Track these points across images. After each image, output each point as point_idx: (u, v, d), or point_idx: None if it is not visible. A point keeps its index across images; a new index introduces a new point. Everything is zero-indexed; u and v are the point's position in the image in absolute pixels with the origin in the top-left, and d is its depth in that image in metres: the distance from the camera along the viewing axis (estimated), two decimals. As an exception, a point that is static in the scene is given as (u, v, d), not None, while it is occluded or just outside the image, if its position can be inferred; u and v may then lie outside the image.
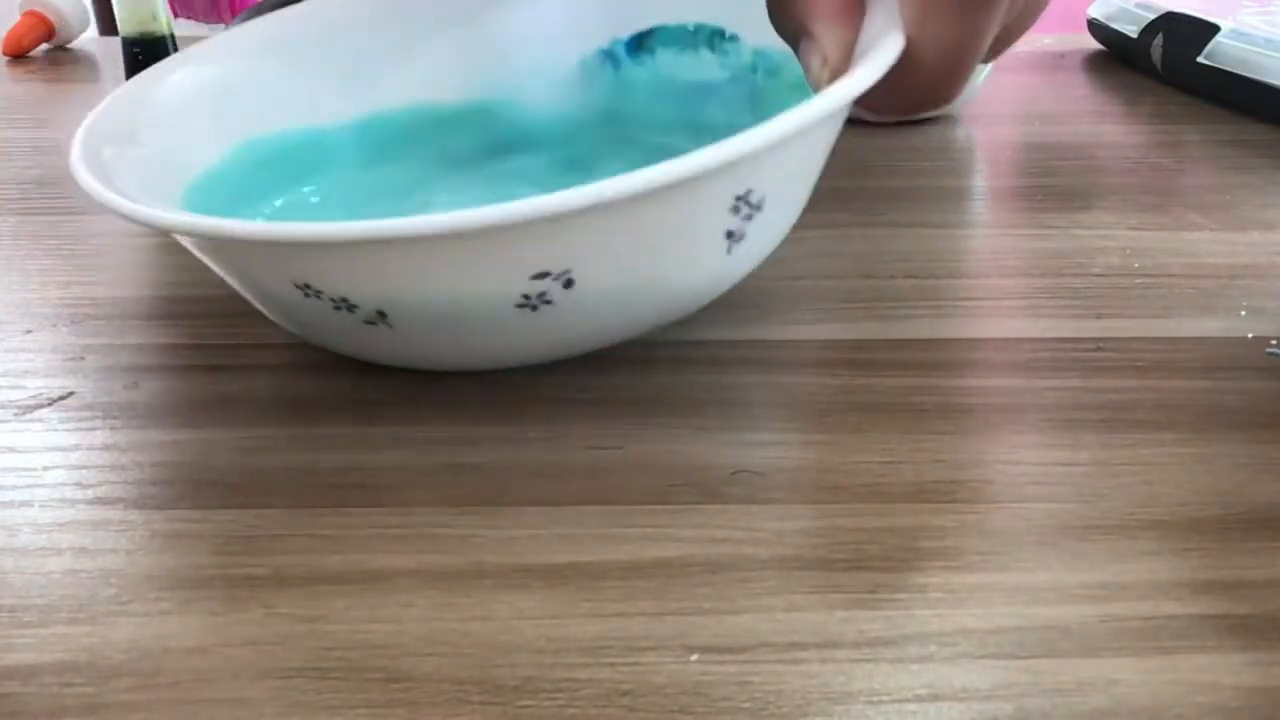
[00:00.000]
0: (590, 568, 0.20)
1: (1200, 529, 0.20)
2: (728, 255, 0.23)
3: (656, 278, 0.23)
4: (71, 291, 0.30)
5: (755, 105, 0.33)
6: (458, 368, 0.25)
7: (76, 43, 0.63)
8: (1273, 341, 0.27)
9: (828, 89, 0.21)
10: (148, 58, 0.49)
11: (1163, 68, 0.50)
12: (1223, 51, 0.46)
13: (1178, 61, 0.48)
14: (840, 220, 0.34)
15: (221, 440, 0.24)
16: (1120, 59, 0.54)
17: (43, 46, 0.62)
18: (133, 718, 0.17)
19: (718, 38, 0.33)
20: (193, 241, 0.23)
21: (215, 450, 0.23)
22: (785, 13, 0.24)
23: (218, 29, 0.80)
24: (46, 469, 0.23)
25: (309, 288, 0.22)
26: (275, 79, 0.33)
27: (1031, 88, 0.52)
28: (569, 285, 0.21)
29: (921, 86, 0.22)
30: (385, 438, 0.23)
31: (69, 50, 0.62)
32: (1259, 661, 0.18)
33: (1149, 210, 0.35)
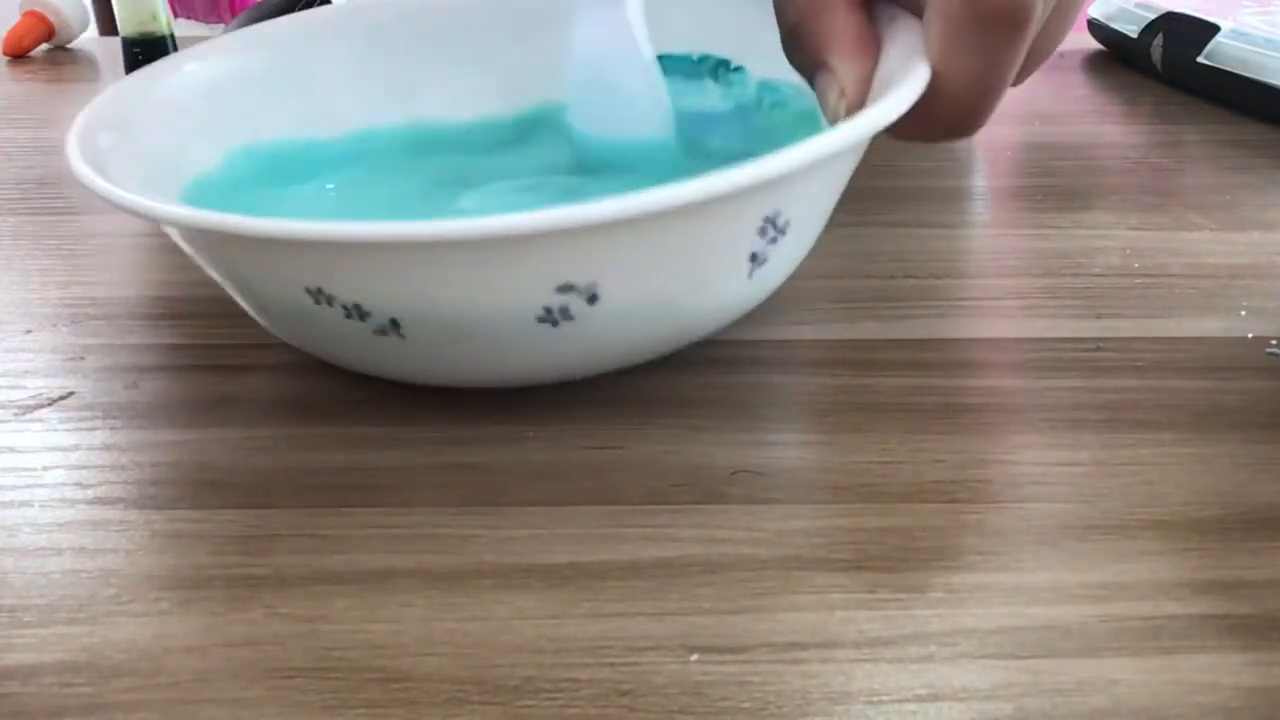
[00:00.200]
0: (590, 568, 0.20)
1: (1200, 529, 0.20)
2: (748, 279, 0.23)
3: (678, 298, 0.22)
4: (71, 291, 0.30)
5: (759, 137, 0.32)
6: (462, 383, 0.24)
7: (76, 43, 0.63)
8: (1273, 341, 0.27)
9: (859, 116, 0.21)
10: (148, 58, 0.49)
11: (1163, 68, 0.50)
12: (1223, 51, 0.46)
13: (1178, 61, 0.48)
14: (840, 220, 0.34)
15: (221, 440, 0.24)
16: (1120, 59, 0.54)
17: (43, 46, 0.62)
18: (133, 718, 0.17)
19: (723, 68, 0.33)
20: (194, 240, 0.23)
21: (215, 450, 0.23)
22: (801, 46, 0.24)
23: (218, 29, 0.80)
24: (46, 469, 0.23)
25: (320, 293, 0.21)
26: (277, 86, 0.32)
27: (1031, 88, 0.52)
28: (592, 301, 0.21)
29: (948, 118, 0.22)
30: (385, 438, 0.23)
31: (69, 50, 0.62)
32: (1259, 661, 0.18)
33: (1149, 210, 0.35)
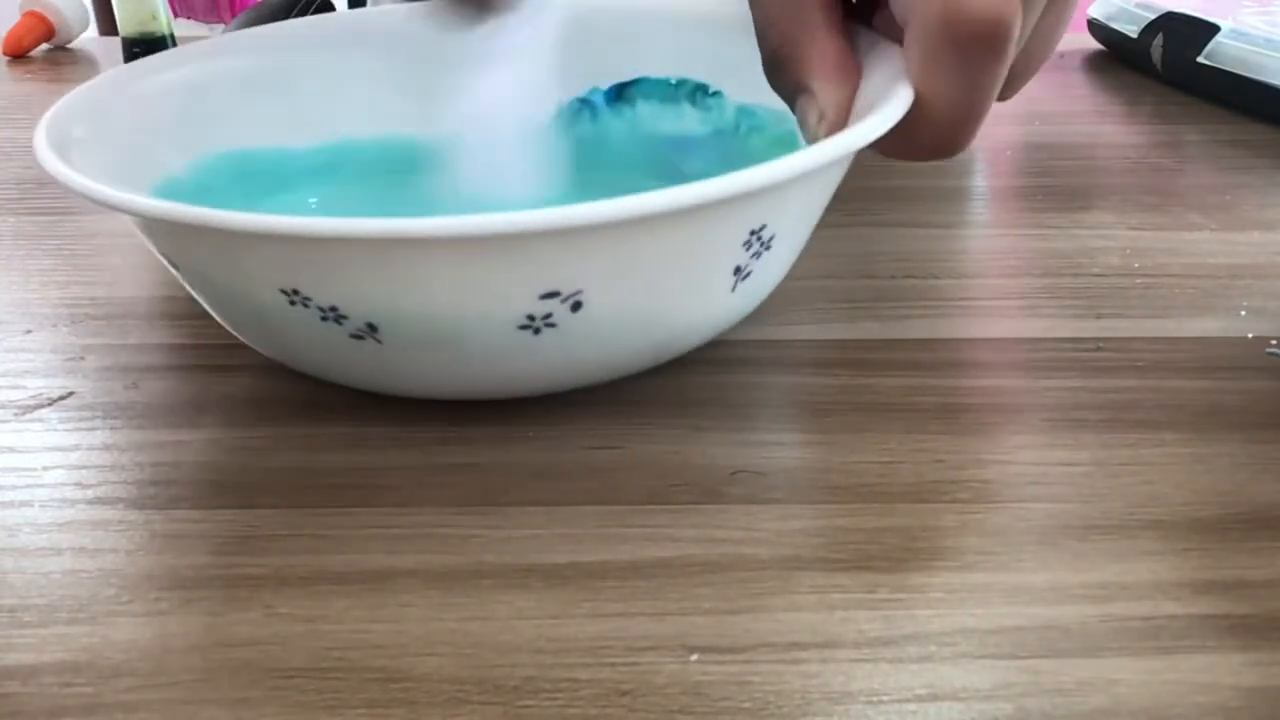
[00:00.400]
0: (590, 568, 0.20)
1: (1200, 529, 0.20)
2: (732, 293, 0.23)
3: (662, 311, 0.22)
4: (71, 291, 0.30)
5: (736, 161, 0.32)
6: (438, 394, 0.24)
7: (76, 43, 0.63)
8: (1273, 341, 0.27)
9: (845, 133, 0.21)
10: (148, 58, 0.49)
11: (1163, 68, 0.50)
12: (1223, 51, 0.46)
13: (1178, 61, 0.48)
14: (839, 220, 0.34)
15: (221, 440, 0.24)
16: (1120, 59, 0.54)
17: (43, 46, 0.62)
18: (133, 718, 0.17)
19: (700, 93, 0.33)
20: (162, 235, 0.22)
21: (215, 450, 0.23)
22: (783, 70, 0.24)
23: (218, 29, 0.80)
24: (46, 469, 0.23)
25: (297, 294, 0.21)
26: (257, 91, 0.32)
27: (1031, 88, 0.52)
28: (576, 309, 0.21)
29: (931, 138, 0.22)
30: (385, 438, 0.23)
31: (69, 50, 0.62)
32: (1259, 661, 0.18)
33: (1149, 210, 0.35)
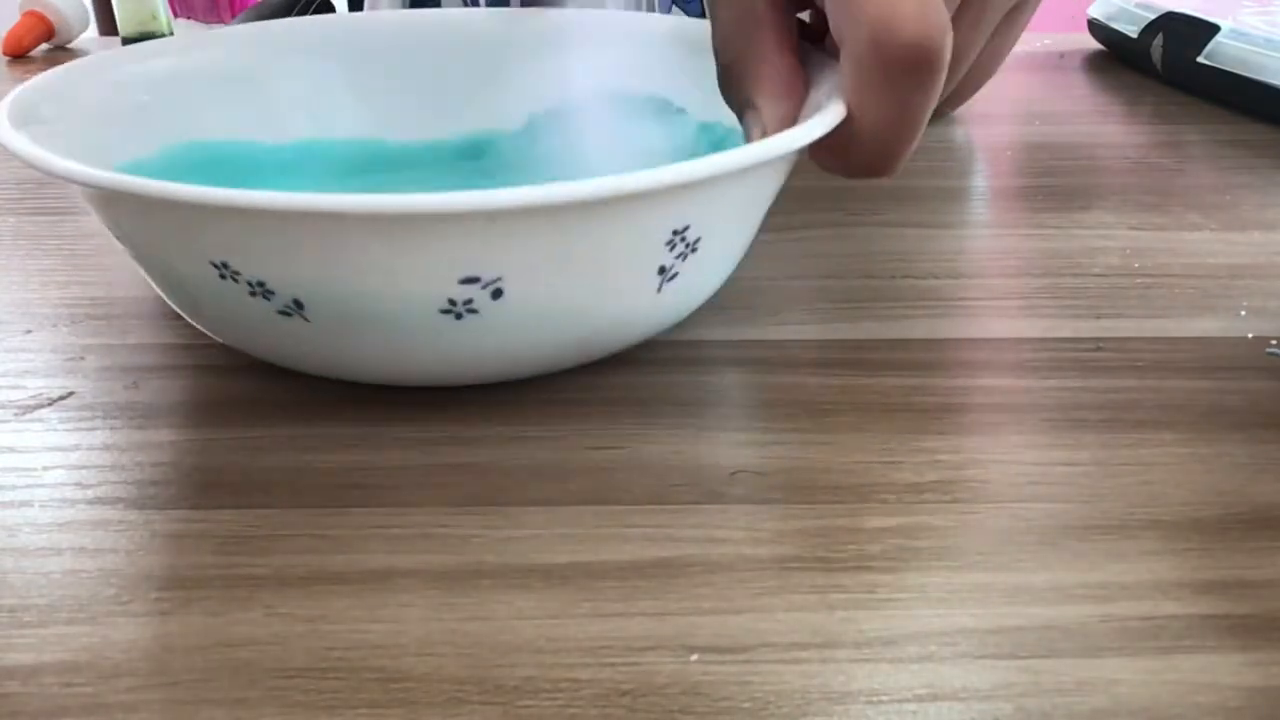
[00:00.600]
0: (590, 568, 0.20)
1: (1200, 529, 0.20)
2: (659, 294, 0.23)
3: (583, 305, 0.22)
4: (71, 291, 0.30)
5: None
6: (367, 378, 0.24)
7: (76, 43, 0.63)
8: (1273, 341, 0.27)
9: (772, 137, 0.22)
10: (148, 58, 0.49)
11: (1163, 68, 0.50)
12: (1223, 51, 0.46)
13: (1178, 61, 0.48)
14: (838, 220, 0.34)
15: (221, 440, 0.24)
16: (1120, 59, 0.54)
17: (43, 46, 0.62)
18: (133, 718, 0.17)
19: (665, 109, 0.34)
20: (106, 208, 0.23)
21: (215, 450, 0.23)
22: (733, 85, 0.25)
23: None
24: (46, 469, 0.23)
25: (226, 266, 0.21)
26: (232, 87, 0.33)
27: (1031, 88, 0.52)
28: (497, 296, 0.21)
29: (864, 155, 0.23)
30: (385, 438, 0.23)
31: (69, 50, 0.62)
32: (1259, 661, 0.18)
33: (1149, 210, 0.35)
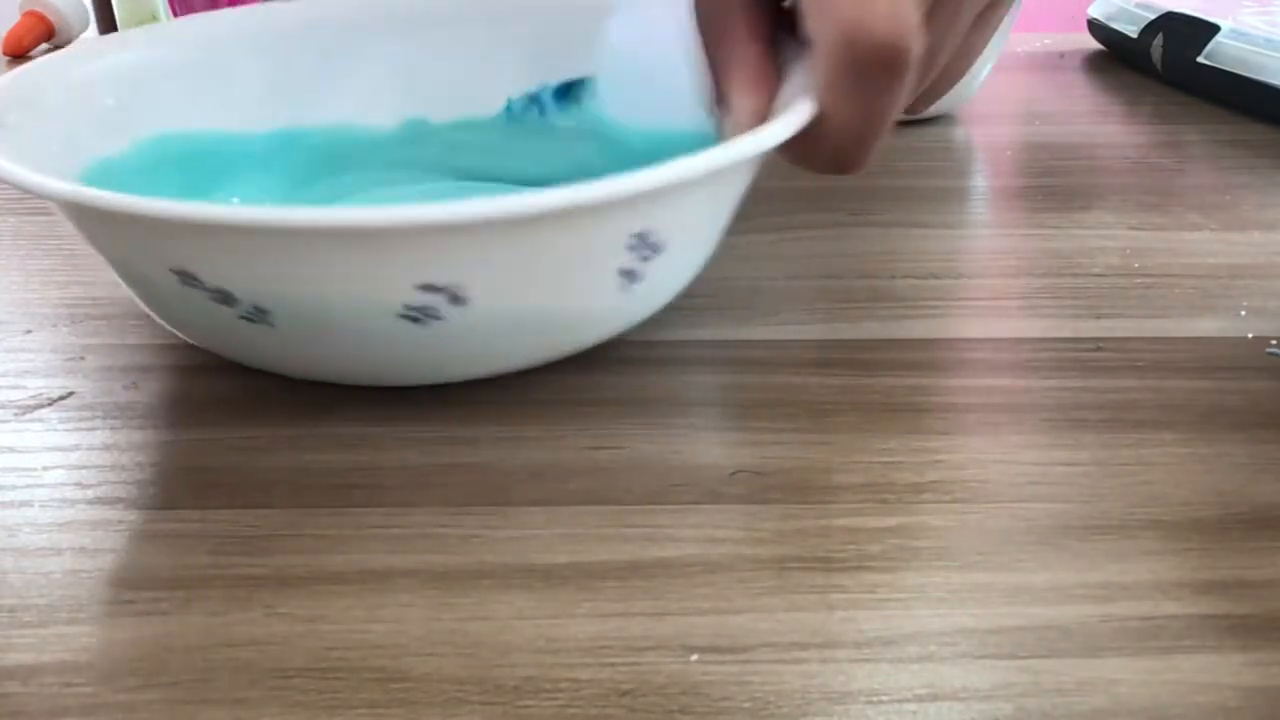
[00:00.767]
0: (590, 568, 0.20)
1: (1200, 529, 0.20)
2: (623, 294, 0.23)
3: (549, 308, 0.22)
4: (71, 291, 0.30)
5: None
6: (335, 378, 0.24)
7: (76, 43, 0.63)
8: (1273, 341, 0.27)
9: (734, 140, 0.22)
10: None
11: (1163, 68, 0.50)
12: (1223, 51, 0.46)
13: (1178, 61, 0.48)
14: (838, 220, 0.34)
15: (221, 440, 0.24)
16: (1120, 59, 0.54)
17: (43, 46, 0.62)
18: (133, 718, 0.17)
19: None
20: (74, 217, 0.23)
21: (215, 450, 0.23)
22: (706, 74, 0.25)
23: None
24: (46, 469, 0.23)
25: (185, 273, 0.21)
26: (198, 78, 0.32)
27: (1031, 88, 0.52)
28: (458, 302, 0.21)
29: (831, 152, 0.23)
30: (385, 438, 0.23)
31: (69, 50, 0.62)
32: (1259, 661, 0.18)
33: (1149, 210, 0.35)
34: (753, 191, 0.26)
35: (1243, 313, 0.28)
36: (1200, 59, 0.47)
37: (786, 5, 0.26)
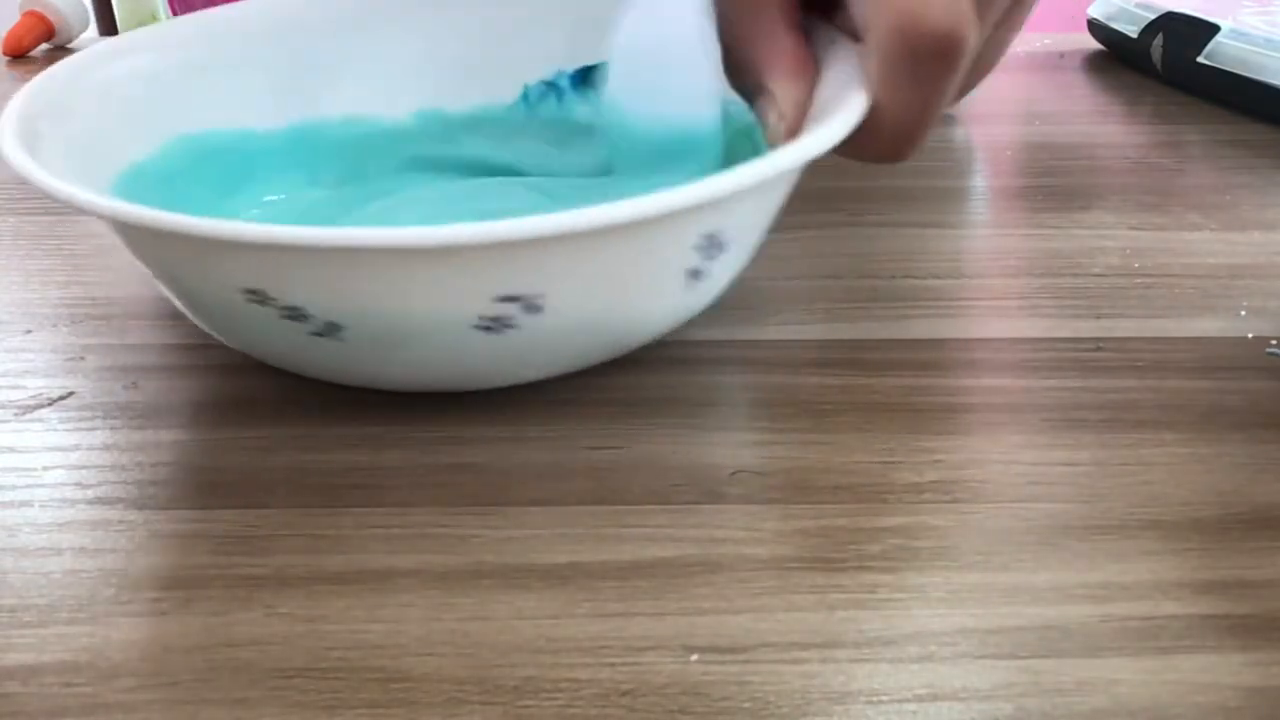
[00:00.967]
0: (590, 568, 0.20)
1: (1200, 529, 0.20)
2: (688, 292, 0.23)
3: (618, 310, 0.22)
4: (71, 291, 0.30)
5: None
6: (403, 387, 0.24)
7: (76, 43, 0.63)
8: (1273, 341, 0.27)
9: (800, 142, 0.22)
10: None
11: (1163, 68, 0.50)
12: (1223, 51, 0.46)
13: (1178, 61, 0.48)
14: (839, 220, 0.34)
15: (221, 440, 0.24)
16: (1120, 59, 0.54)
17: (43, 46, 0.62)
18: (133, 718, 0.17)
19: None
20: (127, 233, 0.22)
21: (215, 450, 0.23)
22: (742, 69, 0.25)
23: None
24: (46, 469, 0.23)
25: (257, 293, 0.21)
26: (212, 75, 0.32)
27: (1031, 88, 0.52)
28: (533, 311, 0.21)
29: (884, 143, 0.23)
30: (385, 438, 0.23)
31: (69, 50, 0.62)
32: (1259, 661, 0.18)
33: (1149, 210, 0.35)
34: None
35: (1243, 313, 0.28)
36: (1200, 59, 0.47)
37: None
